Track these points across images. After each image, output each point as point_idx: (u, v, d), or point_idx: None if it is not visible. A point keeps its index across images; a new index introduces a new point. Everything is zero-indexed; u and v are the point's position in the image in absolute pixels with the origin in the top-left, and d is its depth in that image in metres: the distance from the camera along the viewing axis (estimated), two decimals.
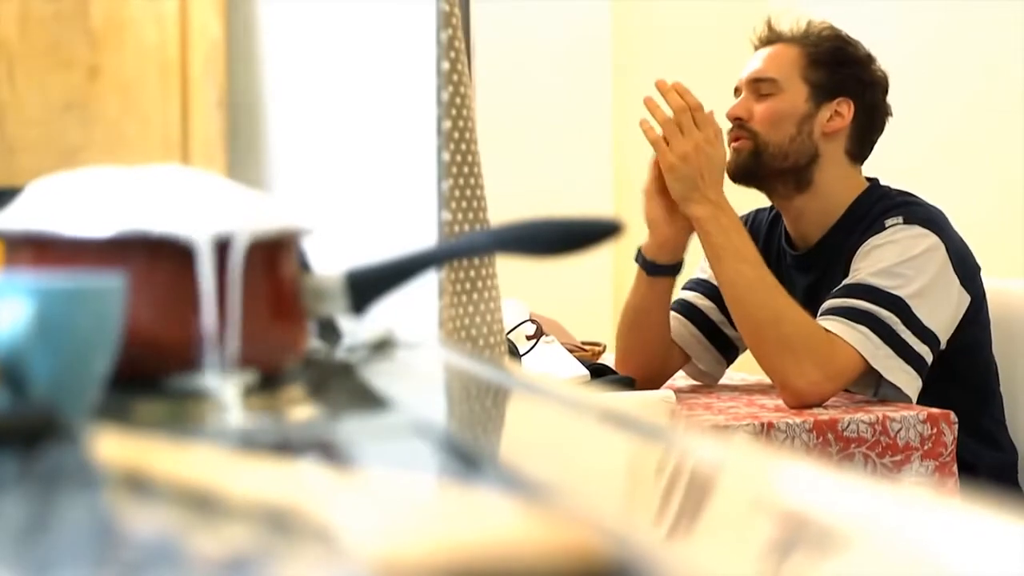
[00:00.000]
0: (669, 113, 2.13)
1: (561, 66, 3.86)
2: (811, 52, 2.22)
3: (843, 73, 2.22)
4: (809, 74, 2.21)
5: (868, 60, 2.25)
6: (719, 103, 2.19)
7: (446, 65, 1.46)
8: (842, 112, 2.21)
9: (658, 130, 2.13)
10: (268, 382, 0.89)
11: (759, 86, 2.22)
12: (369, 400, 0.91)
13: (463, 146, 1.47)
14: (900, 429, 1.96)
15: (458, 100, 1.46)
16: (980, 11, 3.41)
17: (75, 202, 0.88)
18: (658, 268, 2.22)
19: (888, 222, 2.12)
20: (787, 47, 2.23)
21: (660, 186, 2.17)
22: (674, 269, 2.23)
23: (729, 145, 2.22)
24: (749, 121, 2.21)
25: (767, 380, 2.19)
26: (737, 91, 2.26)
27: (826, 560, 0.50)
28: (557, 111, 3.85)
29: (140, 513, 0.57)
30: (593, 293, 3.68)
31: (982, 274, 2.21)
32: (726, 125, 2.21)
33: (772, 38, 2.26)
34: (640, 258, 2.23)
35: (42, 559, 0.49)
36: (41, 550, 0.50)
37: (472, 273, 1.43)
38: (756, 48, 2.28)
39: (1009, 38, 3.30)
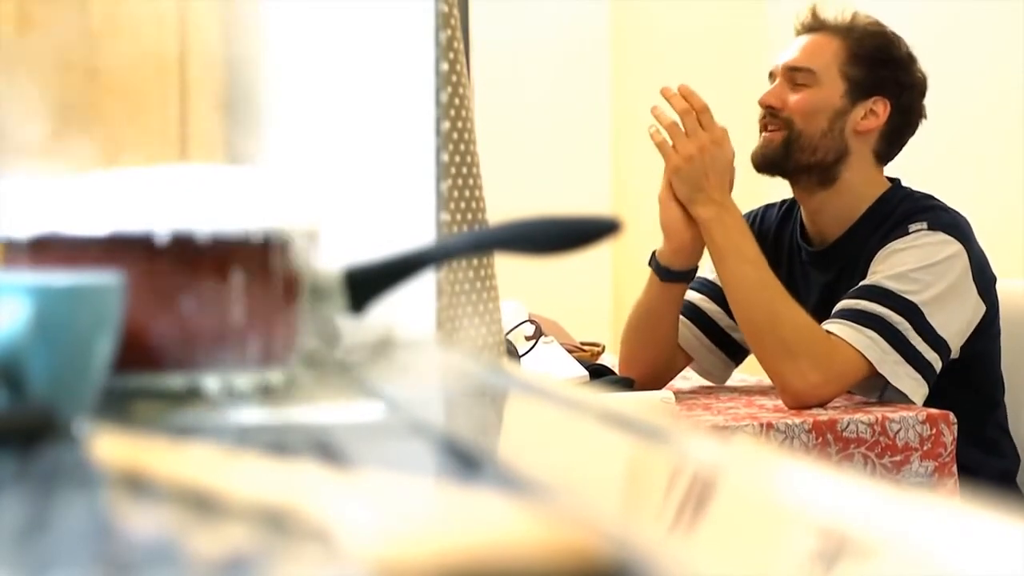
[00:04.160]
0: (674, 118, 2.11)
1: (560, 67, 3.87)
2: (853, 47, 2.17)
3: (883, 72, 2.18)
4: (848, 70, 2.17)
5: (910, 60, 2.21)
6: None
7: (445, 66, 1.46)
8: (877, 111, 2.17)
9: (664, 134, 2.11)
10: (267, 381, 0.89)
11: (795, 75, 2.18)
12: (368, 400, 0.91)
13: (462, 147, 1.47)
14: (899, 430, 1.96)
15: (457, 101, 1.46)
16: (990, 10, 3.41)
17: (73, 202, 0.88)
18: (672, 274, 2.18)
19: (912, 226, 2.09)
20: (829, 39, 2.19)
21: (675, 192, 2.15)
22: (688, 275, 2.20)
23: (760, 133, 2.20)
24: (782, 110, 2.18)
25: (766, 381, 2.19)
26: (772, 76, 2.22)
27: (828, 562, 0.49)
28: (556, 112, 3.85)
29: (138, 513, 0.57)
30: (592, 294, 3.68)
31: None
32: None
33: (815, 26, 2.21)
34: (654, 263, 2.20)
35: (40, 559, 0.48)
36: (39, 550, 0.50)
37: (471, 273, 1.43)
38: (798, 34, 2.23)
39: (1021, 36, 3.30)
